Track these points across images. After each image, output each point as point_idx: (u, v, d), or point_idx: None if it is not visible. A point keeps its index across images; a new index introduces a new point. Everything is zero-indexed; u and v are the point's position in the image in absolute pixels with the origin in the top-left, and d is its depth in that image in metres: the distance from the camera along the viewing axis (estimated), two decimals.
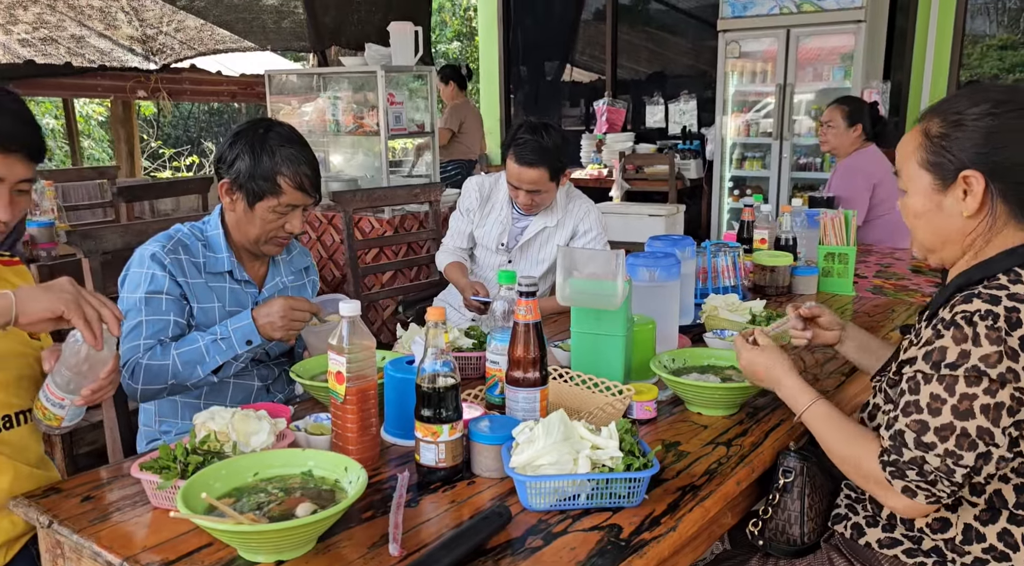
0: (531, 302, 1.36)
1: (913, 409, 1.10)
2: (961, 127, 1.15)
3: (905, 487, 1.11)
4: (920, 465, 1.09)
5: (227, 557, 1.05)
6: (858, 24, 5.02)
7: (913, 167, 1.20)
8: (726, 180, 5.91)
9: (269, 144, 1.67)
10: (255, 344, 1.62)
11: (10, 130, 1.23)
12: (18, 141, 1.24)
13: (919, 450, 1.09)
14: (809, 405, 1.28)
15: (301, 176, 1.68)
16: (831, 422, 1.25)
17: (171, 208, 5.30)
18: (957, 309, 1.09)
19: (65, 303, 1.15)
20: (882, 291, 2.61)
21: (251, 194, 1.68)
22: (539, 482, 1.15)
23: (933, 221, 1.20)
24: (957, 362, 1.06)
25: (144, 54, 4.29)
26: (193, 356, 1.61)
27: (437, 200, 3.19)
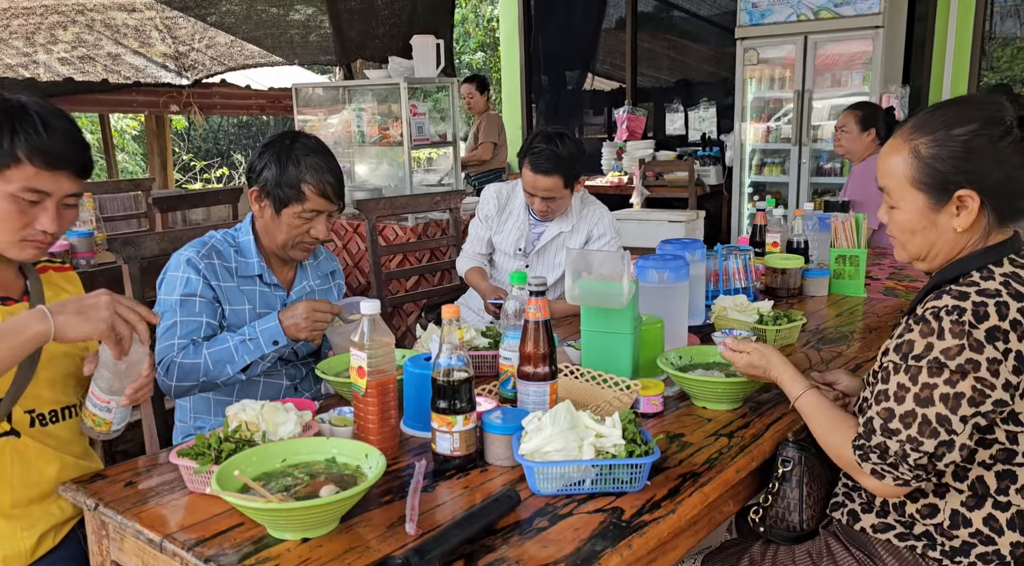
0: (540, 301, 1.43)
1: (883, 397, 1.18)
2: (951, 147, 1.18)
3: (872, 470, 1.19)
4: (883, 450, 1.17)
5: (257, 535, 1.14)
6: (876, 30, 5.04)
7: (904, 186, 1.23)
8: (746, 186, 5.95)
9: (295, 154, 1.78)
10: (281, 344, 1.72)
11: (59, 148, 1.30)
12: (66, 159, 1.31)
13: (884, 436, 1.17)
14: (801, 394, 1.35)
15: (324, 183, 1.78)
16: (819, 410, 1.33)
17: (202, 218, 5.46)
18: (928, 305, 1.16)
19: (99, 331, 1.21)
20: (894, 293, 2.65)
21: (277, 201, 1.78)
22: (546, 468, 1.22)
23: (927, 236, 1.24)
24: (922, 354, 1.13)
25: (177, 70, 4.45)
26: (223, 355, 1.71)
27: (458, 207, 3.28)
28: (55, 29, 4.20)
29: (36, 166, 1.28)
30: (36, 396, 1.37)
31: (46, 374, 1.38)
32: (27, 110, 1.28)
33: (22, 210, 1.30)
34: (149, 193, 4.75)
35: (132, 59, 4.37)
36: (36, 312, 1.20)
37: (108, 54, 4.31)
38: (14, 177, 1.27)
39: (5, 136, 1.26)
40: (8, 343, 1.18)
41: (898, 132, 1.26)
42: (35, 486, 1.38)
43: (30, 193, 1.29)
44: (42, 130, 1.28)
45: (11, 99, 1.30)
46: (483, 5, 12.88)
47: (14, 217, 1.30)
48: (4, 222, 1.30)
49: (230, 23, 5.05)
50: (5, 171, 1.27)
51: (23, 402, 1.35)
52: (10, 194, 1.28)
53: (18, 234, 1.31)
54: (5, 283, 1.40)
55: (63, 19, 4.28)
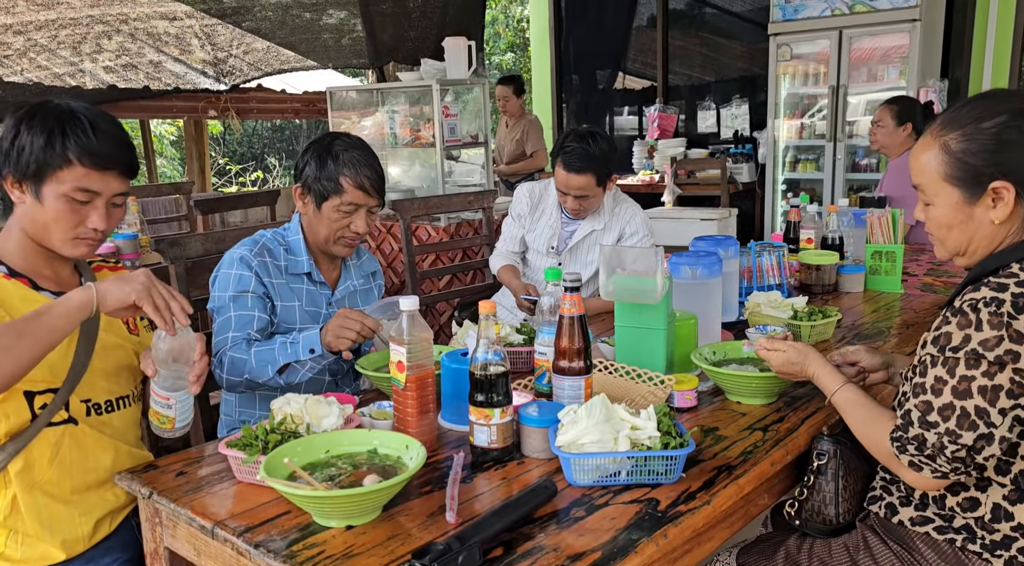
0: (575, 296, 1.46)
1: (920, 390, 1.18)
2: (981, 141, 1.18)
3: (910, 462, 1.20)
4: (921, 442, 1.17)
5: (303, 522, 1.18)
6: (913, 23, 4.97)
7: (938, 182, 1.23)
8: (779, 183, 5.90)
9: (333, 150, 1.85)
10: (317, 353, 1.72)
11: (107, 150, 1.37)
12: (113, 159, 1.38)
13: (922, 428, 1.17)
14: (838, 389, 1.35)
15: (361, 177, 1.84)
16: (856, 405, 1.33)
17: (240, 220, 5.58)
18: (966, 297, 1.16)
19: (136, 292, 1.29)
20: (932, 289, 2.62)
21: (318, 195, 1.85)
22: (582, 459, 1.25)
23: (965, 231, 1.24)
24: (959, 346, 1.13)
25: (215, 76, 4.57)
26: (266, 356, 1.75)
27: (490, 207, 3.32)
28: (100, 38, 4.34)
29: (86, 167, 1.35)
30: (92, 386, 1.43)
31: (100, 365, 1.45)
32: (76, 114, 1.36)
33: (74, 209, 1.37)
34: (189, 196, 4.87)
35: (172, 66, 4.49)
36: (81, 287, 1.29)
37: (150, 62, 4.44)
38: (66, 178, 1.35)
39: (57, 139, 1.33)
40: (58, 310, 1.26)
41: (928, 129, 1.27)
42: (92, 472, 1.45)
43: (81, 193, 1.36)
44: (91, 133, 1.35)
45: (61, 104, 1.38)
46: (513, 6, 12.92)
47: (67, 216, 1.37)
48: (58, 221, 1.37)
49: (265, 29, 5.16)
50: (58, 172, 1.34)
51: (79, 392, 1.41)
52: (63, 194, 1.36)
53: (71, 232, 1.39)
54: (61, 279, 1.47)
55: (108, 29, 4.42)
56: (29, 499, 1.38)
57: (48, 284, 1.43)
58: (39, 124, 1.34)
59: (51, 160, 1.33)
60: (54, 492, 1.41)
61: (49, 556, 1.40)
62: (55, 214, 1.36)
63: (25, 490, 1.38)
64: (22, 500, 1.38)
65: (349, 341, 1.69)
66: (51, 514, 1.40)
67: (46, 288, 1.42)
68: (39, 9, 4.31)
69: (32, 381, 1.33)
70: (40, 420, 1.37)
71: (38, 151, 1.33)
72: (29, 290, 1.40)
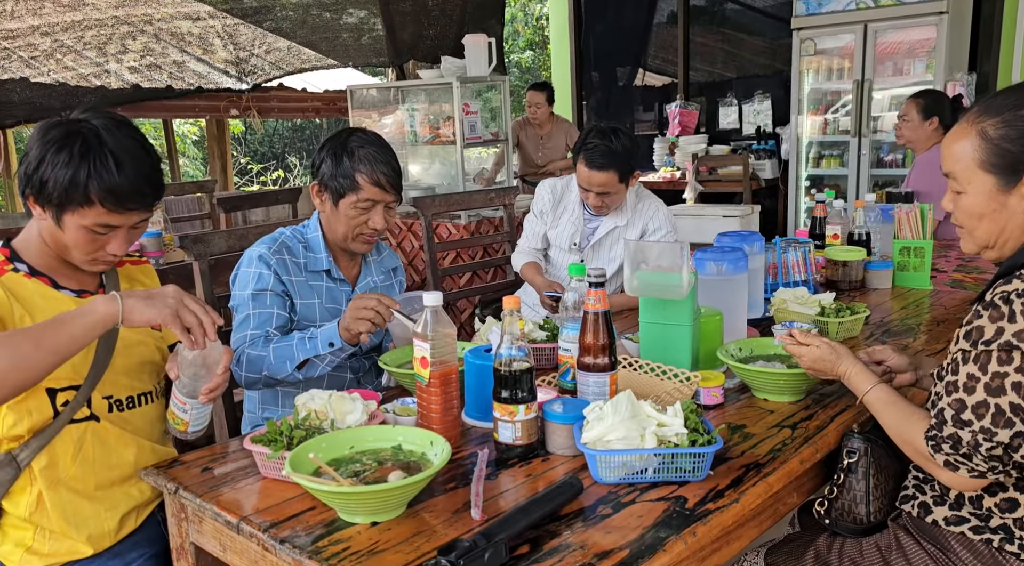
0: (599, 292, 1.44)
1: (953, 388, 1.16)
2: (1021, 127, 1.16)
3: (946, 461, 1.17)
4: (956, 441, 1.15)
5: (328, 518, 1.18)
6: (940, 16, 4.89)
7: (972, 169, 1.21)
8: (803, 179, 5.83)
9: (349, 146, 1.84)
10: (337, 346, 1.72)
11: (130, 189, 1.34)
12: (135, 199, 1.36)
13: (956, 427, 1.15)
14: (870, 388, 1.32)
15: (377, 173, 1.82)
16: (889, 404, 1.30)
17: (262, 218, 5.61)
18: (997, 290, 1.13)
19: (164, 316, 1.27)
20: (962, 285, 2.57)
21: (334, 192, 1.84)
22: (608, 456, 1.23)
23: (997, 220, 1.21)
24: (992, 339, 1.11)
25: (237, 75, 4.60)
26: (285, 352, 1.75)
27: (512, 204, 3.31)
28: (125, 39, 4.38)
29: (107, 208, 1.34)
30: (113, 382, 1.44)
31: (122, 361, 1.46)
32: (103, 148, 1.32)
33: (93, 239, 1.38)
34: (212, 195, 4.91)
35: (195, 66, 4.52)
36: (107, 296, 1.28)
37: (173, 62, 4.48)
38: (87, 215, 1.34)
39: (80, 178, 1.30)
40: (81, 321, 1.25)
41: (963, 117, 1.25)
42: (115, 468, 1.46)
43: (101, 228, 1.37)
44: (115, 171, 1.32)
45: (88, 132, 1.32)
46: (532, 3, 12.91)
47: (86, 244, 1.38)
48: (77, 246, 1.39)
49: (286, 28, 5.19)
50: (79, 209, 1.33)
51: (101, 388, 1.42)
52: (83, 227, 1.36)
53: (89, 256, 1.41)
54: (81, 277, 1.48)
55: (132, 29, 4.47)
56: (54, 495, 1.39)
57: (69, 282, 1.44)
58: (64, 158, 1.30)
59: (73, 198, 1.32)
60: (78, 488, 1.42)
61: (76, 551, 1.41)
62: (74, 241, 1.37)
63: (49, 487, 1.39)
64: (47, 496, 1.39)
65: (367, 322, 1.66)
66: (76, 510, 1.41)
67: (66, 286, 1.43)
68: (65, 10, 4.36)
69: (54, 378, 1.33)
70: (62, 417, 1.38)
71: (61, 189, 1.31)
72: (50, 289, 1.41)
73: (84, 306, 1.27)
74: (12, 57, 4.15)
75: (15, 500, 1.39)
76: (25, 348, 1.20)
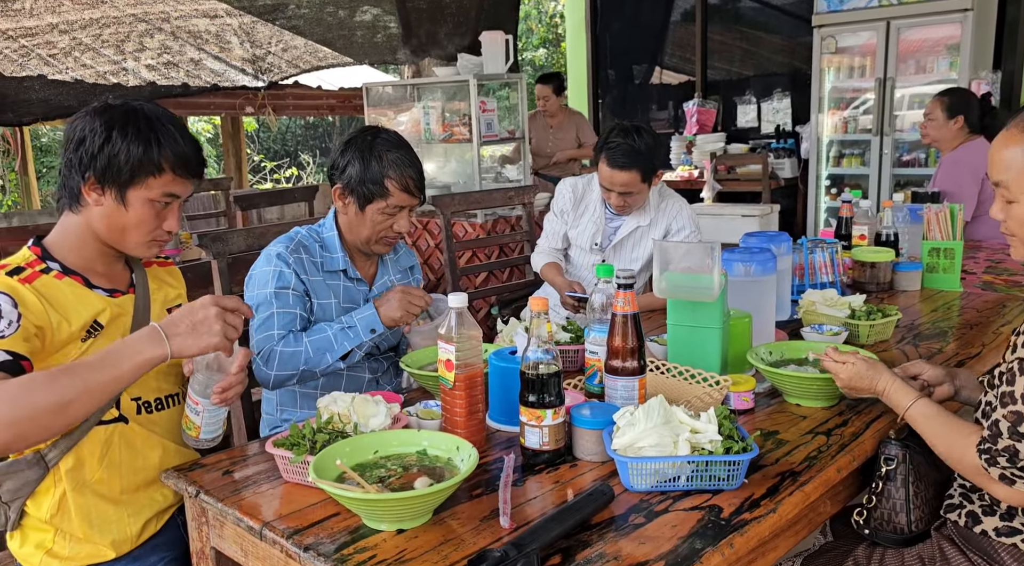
0: (629, 294, 1.41)
1: (1008, 400, 1.12)
2: None
3: (1001, 475, 1.13)
4: (1013, 454, 1.10)
5: (353, 525, 1.15)
6: (964, 13, 4.81)
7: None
8: (823, 178, 5.76)
9: (376, 150, 1.79)
10: (379, 332, 1.75)
11: (195, 158, 1.40)
12: (198, 166, 1.42)
13: (1012, 439, 1.10)
14: (912, 403, 1.28)
15: (407, 178, 1.80)
16: (933, 418, 1.26)
17: (277, 216, 5.61)
18: None
19: (214, 345, 1.23)
20: (992, 287, 2.52)
21: (361, 198, 1.81)
22: (641, 463, 1.20)
23: None
24: None
25: (254, 73, 4.58)
26: (323, 344, 1.74)
27: (531, 202, 3.27)
28: (143, 37, 4.38)
29: (177, 174, 1.37)
30: (142, 384, 1.42)
31: None
32: (163, 122, 1.37)
33: (157, 213, 1.39)
34: (228, 192, 4.90)
35: (212, 64, 4.52)
36: (151, 333, 1.22)
37: (190, 59, 4.47)
38: (155, 184, 1.36)
39: (154, 148, 1.34)
40: (129, 363, 1.19)
41: (1012, 123, 1.21)
42: (141, 471, 1.44)
43: (166, 197, 1.39)
44: (180, 141, 1.37)
45: (143, 109, 1.37)
46: (546, 2, 12.85)
47: (150, 219, 1.39)
48: (141, 224, 1.38)
49: (300, 26, 5.18)
50: (149, 179, 1.35)
51: (130, 389, 1.39)
52: (149, 199, 1.37)
53: (150, 235, 1.41)
54: (113, 275, 1.45)
55: (150, 27, 4.46)
56: (80, 499, 1.37)
57: (101, 281, 1.42)
58: (133, 131, 1.33)
59: (147, 168, 1.34)
60: (104, 492, 1.40)
61: (98, 554, 1.39)
62: (139, 218, 1.38)
63: (75, 490, 1.37)
64: (72, 500, 1.37)
65: (414, 315, 1.77)
66: (101, 514, 1.39)
67: (99, 286, 1.41)
68: (84, 8, 4.36)
69: None
70: (92, 418, 1.36)
71: (135, 159, 1.33)
72: (83, 288, 1.39)
73: (130, 343, 1.21)
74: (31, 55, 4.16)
75: (38, 502, 1.38)
76: (71, 392, 1.15)
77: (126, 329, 1.42)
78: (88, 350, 1.35)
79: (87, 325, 1.35)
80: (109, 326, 1.39)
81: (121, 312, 1.42)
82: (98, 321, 1.37)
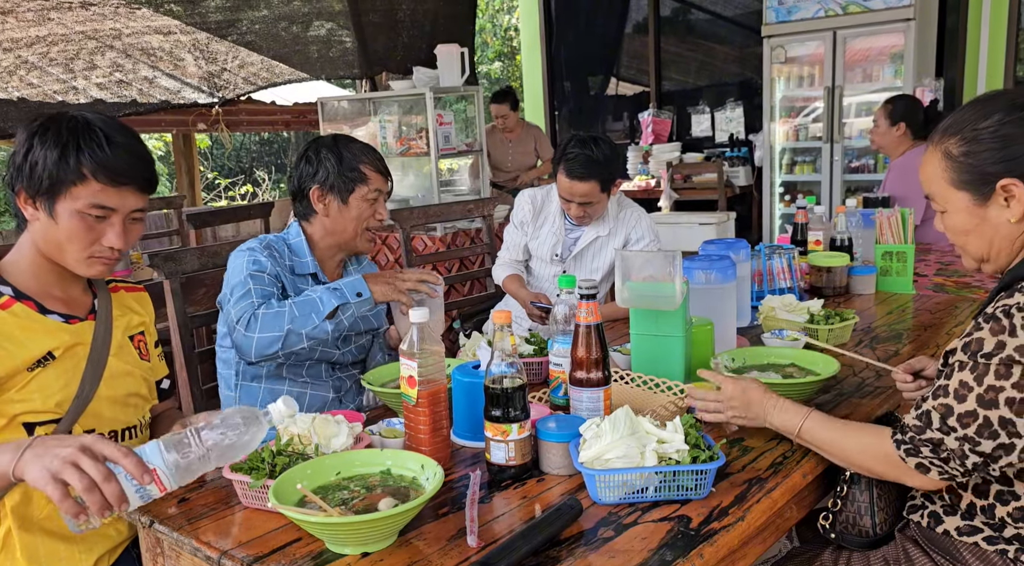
0: (591, 304, 1.40)
1: (941, 393, 1.14)
2: (980, 141, 1.18)
3: (919, 464, 1.16)
4: (937, 444, 1.14)
5: (315, 550, 1.11)
6: (907, 22, 4.96)
7: (946, 188, 1.23)
8: (776, 185, 5.87)
9: (341, 144, 1.88)
10: (364, 297, 1.71)
11: (123, 164, 1.30)
12: (129, 174, 1.31)
13: (940, 432, 1.13)
14: (806, 417, 1.30)
15: (377, 160, 1.89)
16: (832, 424, 1.28)
17: (232, 234, 5.50)
18: (999, 304, 1.12)
19: (37, 479, 1.02)
20: (943, 289, 2.58)
21: (343, 190, 1.86)
22: (608, 475, 1.19)
23: (983, 234, 1.22)
24: (992, 352, 1.09)
25: (209, 90, 4.50)
26: (308, 306, 1.69)
27: (490, 215, 3.26)
28: (93, 55, 4.27)
29: (101, 182, 1.28)
30: (97, 415, 1.36)
31: (107, 393, 1.37)
32: (91, 126, 1.28)
33: (89, 227, 1.30)
34: (181, 210, 4.79)
35: (166, 82, 4.42)
36: (18, 445, 1.07)
37: (143, 77, 4.37)
38: (80, 194, 1.28)
39: (71, 153, 1.26)
40: None
41: (930, 139, 1.27)
42: None
43: (96, 209, 1.29)
44: (106, 146, 1.28)
45: (76, 116, 1.30)
46: (500, 15, 12.92)
47: (82, 234, 1.30)
48: (72, 239, 1.30)
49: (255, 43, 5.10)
50: (72, 188, 1.27)
51: (83, 422, 1.34)
52: (77, 211, 1.28)
53: (86, 251, 1.32)
54: (72, 300, 1.39)
55: (100, 45, 4.35)
56: (26, 537, 1.31)
57: (58, 306, 1.36)
58: (53, 137, 1.26)
59: (65, 175, 1.26)
60: (53, 529, 1.33)
61: None
62: (69, 232, 1.29)
63: (22, 527, 1.30)
64: (17, 538, 1.30)
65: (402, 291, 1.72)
66: (50, 552, 1.33)
67: (54, 311, 1.35)
68: (29, 25, 4.23)
69: (34, 412, 1.25)
70: None
71: (51, 166, 1.26)
72: (36, 314, 1.32)
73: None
74: None
75: None
76: None
77: (82, 358, 1.35)
78: (34, 380, 1.28)
79: (36, 356, 1.29)
80: (63, 356, 1.33)
81: (78, 341, 1.36)
82: (51, 351, 1.31)
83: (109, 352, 1.39)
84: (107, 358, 1.38)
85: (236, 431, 1.15)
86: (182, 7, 4.58)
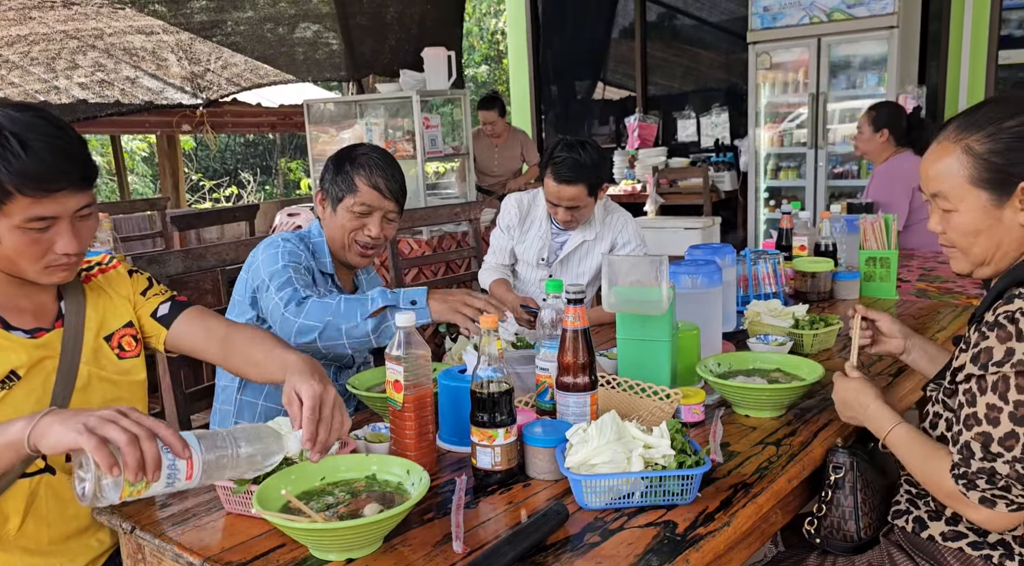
0: (579, 309, 1.40)
1: (974, 421, 1.12)
2: (1006, 140, 1.15)
3: (982, 498, 1.12)
4: (990, 474, 1.10)
5: (300, 556, 1.10)
6: (891, 30, 5.01)
7: (962, 186, 1.19)
8: (761, 191, 5.90)
9: (352, 154, 1.88)
10: (419, 305, 1.64)
11: (48, 170, 1.15)
12: (58, 180, 1.17)
13: (987, 461, 1.10)
14: (891, 428, 1.28)
15: (376, 177, 1.85)
16: (911, 444, 1.25)
17: (216, 236, 5.46)
18: (999, 311, 1.11)
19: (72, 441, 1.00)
20: (926, 294, 2.60)
21: (334, 198, 1.87)
22: (594, 480, 1.18)
23: (993, 236, 1.19)
24: (1003, 360, 1.08)
25: (192, 91, 4.47)
26: (358, 301, 1.64)
27: (477, 218, 3.26)
28: (75, 54, 4.23)
29: (29, 195, 1.15)
30: None
31: (82, 403, 1.32)
32: (2, 132, 1.13)
33: (34, 240, 1.19)
34: (164, 212, 4.75)
35: (148, 82, 4.38)
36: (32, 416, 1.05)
37: (126, 77, 4.33)
38: (12, 211, 1.16)
39: None
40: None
41: (942, 136, 1.23)
42: (73, 520, 1.34)
43: (35, 223, 1.18)
44: (21, 153, 1.13)
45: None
46: (487, 18, 12.93)
47: (29, 248, 1.19)
48: (21, 255, 1.20)
49: (239, 43, 5.06)
50: (2, 207, 1.15)
51: None
52: (15, 227, 1.17)
53: (39, 262, 1.22)
54: (40, 310, 1.32)
55: (82, 44, 4.31)
56: (4, 557, 1.26)
57: (24, 320, 1.29)
58: None
59: None
60: (30, 546, 1.29)
61: None
62: (15, 249, 1.18)
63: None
64: None
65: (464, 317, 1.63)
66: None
67: (19, 327, 1.27)
68: (9, 24, 4.19)
69: None
70: (11, 473, 1.23)
71: None
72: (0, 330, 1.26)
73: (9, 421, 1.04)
74: None
75: None
76: None
77: (52, 371, 1.28)
78: (2, 402, 1.22)
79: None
80: (29, 373, 1.26)
81: (45, 354, 1.28)
82: (14, 370, 1.24)
83: (80, 360, 1.32)
84: (78, 367, 1.31)
85: (263, 455, 1.14)
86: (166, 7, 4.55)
